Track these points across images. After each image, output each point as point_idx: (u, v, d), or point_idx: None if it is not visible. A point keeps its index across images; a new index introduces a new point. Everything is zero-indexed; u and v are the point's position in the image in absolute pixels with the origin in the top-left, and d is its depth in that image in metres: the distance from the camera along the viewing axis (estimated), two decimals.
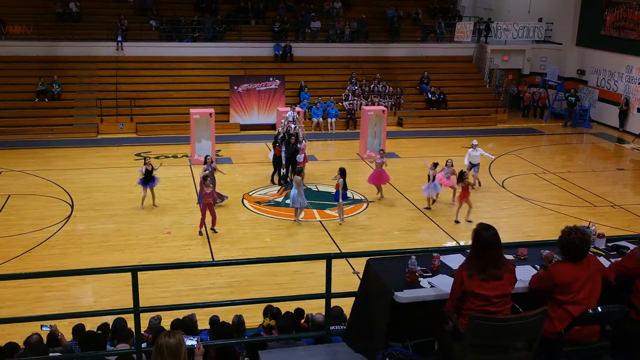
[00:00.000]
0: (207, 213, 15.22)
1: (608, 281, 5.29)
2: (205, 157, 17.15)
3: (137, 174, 17.19)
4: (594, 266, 5.21)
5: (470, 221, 16.01)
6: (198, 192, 17.04)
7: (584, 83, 29.36)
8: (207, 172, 16.36)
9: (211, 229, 15.35)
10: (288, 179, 18.93)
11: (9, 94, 24.97)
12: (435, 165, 17.27)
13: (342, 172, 16.07)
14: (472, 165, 18.82)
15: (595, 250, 6.08)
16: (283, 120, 19.76)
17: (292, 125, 19.02)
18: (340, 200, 16.15)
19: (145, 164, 16.89)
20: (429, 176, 17.20)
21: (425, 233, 15.96)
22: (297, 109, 20.73)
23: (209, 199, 15.13)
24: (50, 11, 27.72)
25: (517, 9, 32.39)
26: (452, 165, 17.56)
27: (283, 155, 18.81)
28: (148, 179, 16.79)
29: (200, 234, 15.26)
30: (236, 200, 17.70)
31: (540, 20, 30.40)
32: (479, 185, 18.99)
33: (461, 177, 16.32)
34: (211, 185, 15.39)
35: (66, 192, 18.02)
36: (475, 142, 19.10)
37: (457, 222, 16.40)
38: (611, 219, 16.93)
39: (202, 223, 15.30)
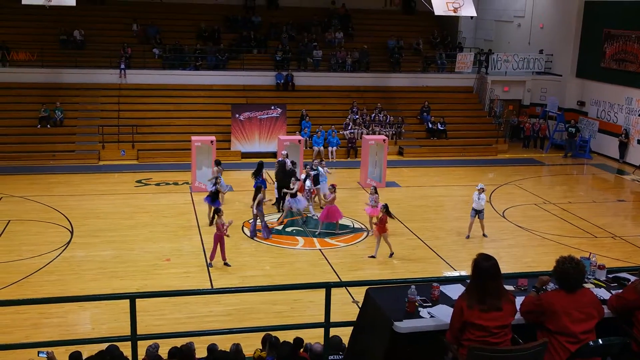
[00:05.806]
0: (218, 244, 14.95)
1: (609, 313, 5.26)
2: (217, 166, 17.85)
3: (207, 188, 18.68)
4: (589, 298, 5.17)
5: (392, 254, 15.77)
6: (251, 225, 17.16)
7: (584, 114, 29.49)
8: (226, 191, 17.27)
9: (224, 263, 15.06)
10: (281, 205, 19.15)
11: (11, 119, 25.10)
12: (297, 179, 18.14)
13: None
14: (477, 212, 17.03)
15: (595, 281, 6.07)
16: (284, 152, 19.84)
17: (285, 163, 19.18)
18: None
19: (215, 183, 17.54)
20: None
21: (425, 262, 15.90)
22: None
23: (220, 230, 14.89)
24: (55, 39, 28.00)
25: (517, 41, 32.66)
26: (375, 192, 17.26)
27: (276, 183, 19.37)
28: (215, 197, 17.51)
29: (210, 265, 15.02)
30: (236, 228, 17.62)
31: (540, 51, 30.65)
32: (484, 235, 17.32)
33: (386, 209, 15.35)
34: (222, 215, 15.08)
35: (66, 218, 18.01)
36: (480, 185, 17.13)
37: (373, 257, 15.79)
38: (612, 250, 16.89)
39: (213, 255, 15.01)
